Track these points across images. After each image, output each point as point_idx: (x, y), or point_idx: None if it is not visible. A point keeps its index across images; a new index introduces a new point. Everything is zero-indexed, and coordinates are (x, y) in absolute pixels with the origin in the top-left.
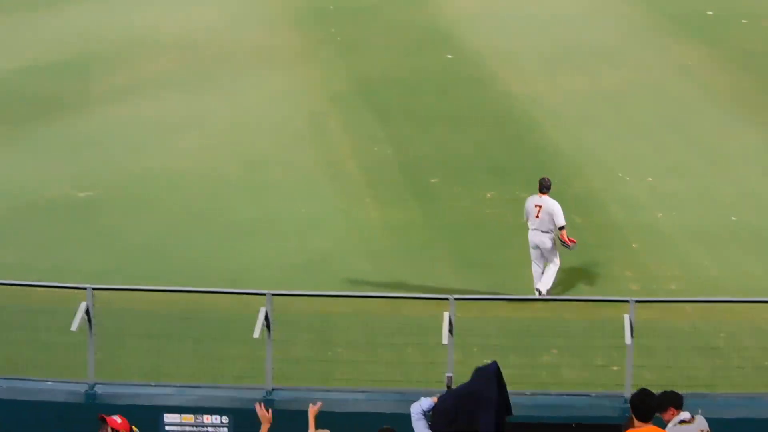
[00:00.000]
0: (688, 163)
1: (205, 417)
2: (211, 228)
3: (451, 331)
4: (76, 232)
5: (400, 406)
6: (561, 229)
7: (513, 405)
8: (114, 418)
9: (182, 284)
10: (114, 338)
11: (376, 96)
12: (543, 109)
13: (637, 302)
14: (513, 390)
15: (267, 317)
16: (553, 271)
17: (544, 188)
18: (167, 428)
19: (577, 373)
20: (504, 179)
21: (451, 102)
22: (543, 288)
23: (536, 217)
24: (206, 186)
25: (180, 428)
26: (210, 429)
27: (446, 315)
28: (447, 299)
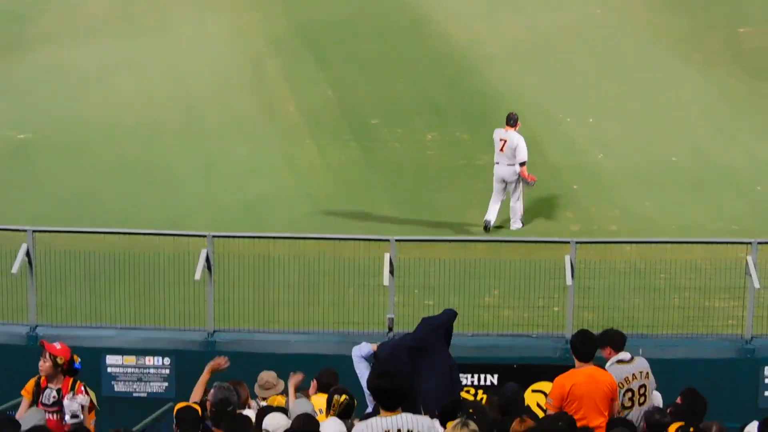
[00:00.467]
0: (629, 106)
1: (147, 358)
2: (150, 173)
3: (392, 273)
4: (12, 177)
5: (342, 348)
6: (521, 165)
7: (455, 346)
8: (54, 345)
9: (121, 227)
10: (55, 280)
11: (316, 39)
12: (483, 53)
13: (578, 243)
14: (455, 331)
15: (208, 259)
16: (520, 203)
17: (511, 122)
18: (109, 370)
19: (518, 314)
20: (444, 121)
21: (391, 45)
22: (516, 222)
23: (501, 151)
24: (144, 131)
25: (122, 369)
26: (152, 370)
27: (387, 256)
28: (388, 240)
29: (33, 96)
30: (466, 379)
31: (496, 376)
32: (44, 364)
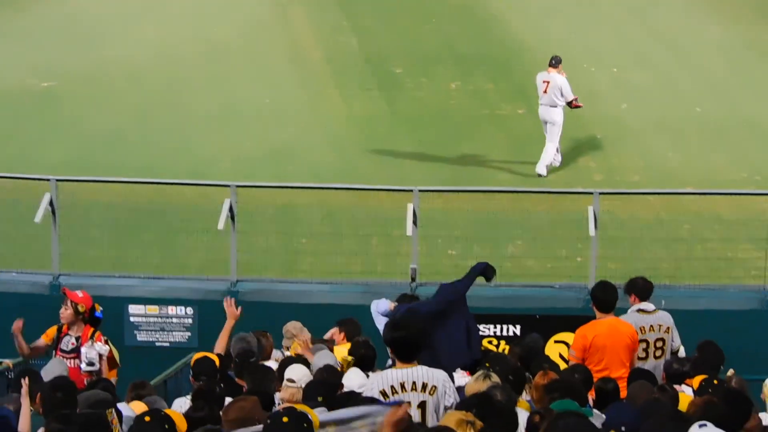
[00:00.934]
0: (653, 55)
1: (170, 308)
2: (173, 118)
3: (416, 223)
4: (38, 122)
5: (364, 298)
6: (569, 104)
7: (478, 297)
8: (76, 293)
9: (144, 175)
10: (78, 230)
11: None
12: (506, 1)
13: (601, 194)
14: (478, 282)
15: (231, 209)
16: (552, 151)
17: (553, 62)
18: (132, 319)
19: (542, 264)
20: (467, 70)
21: None
22: (542, 169)
23: (544, 92)
24: (167, 77)
25: (144, 319)
26: (175, 320)
27: (410, 206)
28: (411, 191)
29: (56, 44)
30: (489, 330)
31: (519, 327)
32: (65, 311)
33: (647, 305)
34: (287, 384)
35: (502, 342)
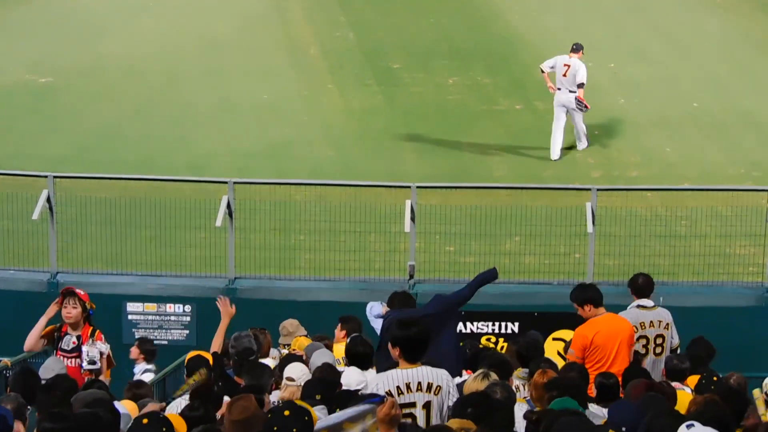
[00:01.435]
0: (650, 49)
1: (168, 306)
2: (171, 112)
3: (413, 219)
4: (36, 117)
5: (363, 295)
6: (579, 87)
7: (477, 294)
8: (80, 291)
9: (142, 169)
10: (75, 226)
11: None
12: None
13: (599, 190)
14: None
15: (229, 205)
16: (581, 124)
17: (575, 50)
18: (130, 317)
19: (540, 261)
20: (466, 65)
21: None
22: (582, 144)
23: (564, 76)
24: (165, 71)
25: (143, 317)
26: (173, 318)
27: (408, 203)
28: (409, 187)
29: (54, 38)
30: (487, 327)
31: (517, 324)
32: (74, 310)
33: (647, 301)
34: (287, 383)
35: (501, 339)
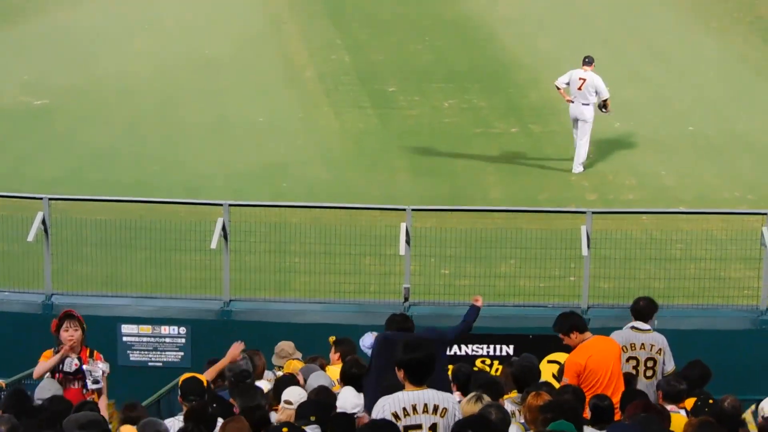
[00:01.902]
0: (646, 72)
1: (163, 328)
2: (167, 133)
3: (408, 242)
4: (31, 139)
5: (357, 317)
6: (605, 101)
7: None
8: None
9: (137, 191)
10: (70, 248)
11: (334, 3)
12: (499, 18)
13: (594, 213)
14: (471, 301)
15: (224, 228)
16: (585, 149)
17: (588, 63)
18: (124, 339)
19: (535, 284)
20: (461, 88)
21: (408, 10)
22: (577, 167)
23: (579, 89)
24: (161, 92)
25: (137, 339)
26: (168, 340)
27: (403, 225)
28: (404, 210)
29: (49, 59)
30: (482, 350)
31: (512, 347)
32: (76, 333)
33: (642, 324)
34: (284, 406)
35: (495, 362)
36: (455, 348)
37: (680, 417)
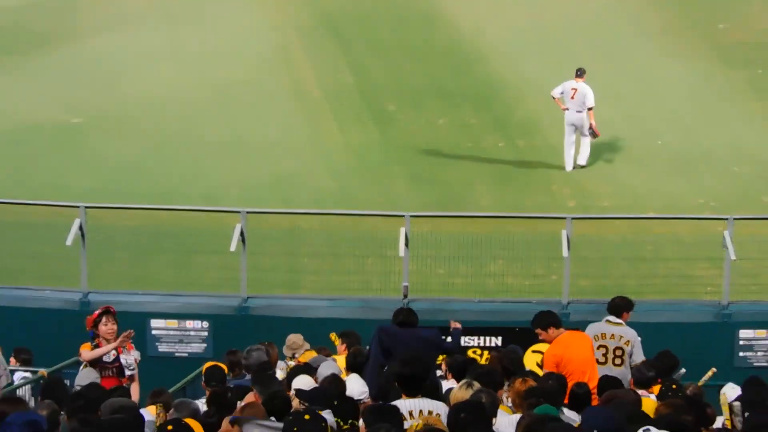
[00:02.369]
0: (620, 91)
1: (188, 322)
2: (188, 149)
3: (407, 244)
4: (67, 156)
5: (361, 312)
6: (589, 110)
7: (464, 311)
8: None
9: (162, 200)
10: (104, 251)
11: (338, 29)
12: (488, 41)
13: (574, 218)
14: (463, 297)
15: (242, 232)
16: (587, 144)
17: (579, 73)
18: (153, 332)
19: (520, 282)
20: (453, 106)
21: (406, 35)
22: (582, 160)
23: (571, 98)
24: (183, 112)
25: (165, 332)
26: (192, 333)
27: (402, 230)
28: (403, 216)
29: (84, 81)
30: (473, 341)
31: (500, 338)
32: (114, 327)
33: (614, 318)
34: (294, 395)
35: (485, 352)
36: (449, 340)
37: (650, 401)
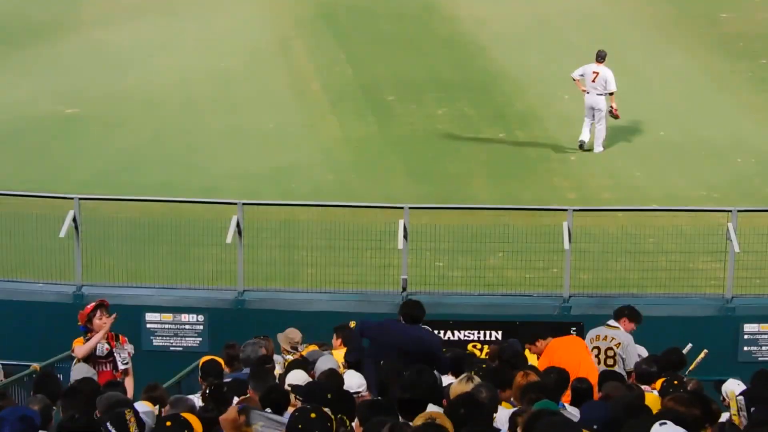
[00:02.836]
0: (620, 83)
1: (183, 315)
2: (186, 140)
3: (406, 237)
4: (62, 147)
5: (359, 306)
6: (611, 94)
7: (463, 305)
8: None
9: (161, 191)
10: (99, 243)
11: (337, 22)
12: (488, 34)
13: (575, 211)
14: (463, 291)
15: (239, 224)
16: (603, 128)
17: (601, 58)
18: (148, 326)
19: (520, 275)
20: (452, 97)
21: (405, 27)
22: (597, 147)
23: (593, 81)
24: (181, 104)
25: (160, 326)
26: (187, 326)
27: (401, 222)
28: (402, 208)
29: (81, 73)
30: (473, 335)
31: (500, 333)
32: (109, 320)
33: (613, 322)
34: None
35: (486, 347)
36: (448, 334)
37: (652, 396)
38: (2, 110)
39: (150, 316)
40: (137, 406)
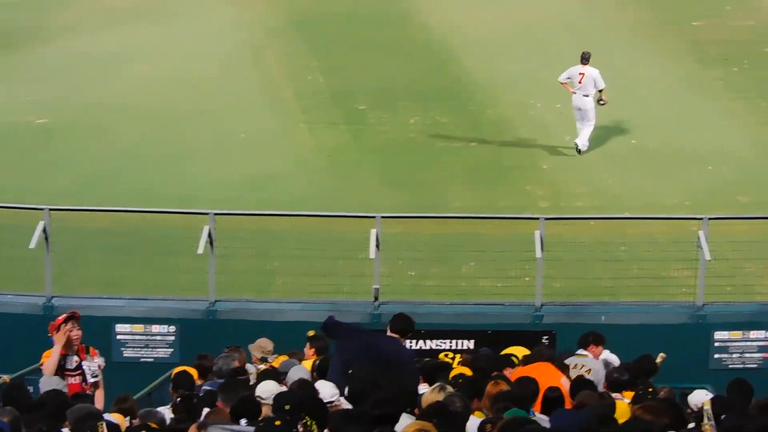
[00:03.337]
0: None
1: (154, 326)
2: (161, 152)
3: (378, 246)
4: (34, 158)
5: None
6: (600, 91)
7: (437, 314)
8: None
9: (136, 203)
10: (69, 254)
11: (310, 30)
12: (461, 41)
13: (547, 219)
14: (435, 300)
15: (210, 234)
16: (589, 130)
17: (586, 59)
18: (118, 337)
19: (493, 284)
20: (425, 106)
21: (377, 35)
22: (581, 144)
23: (579, 83)
24: (155, 113)
25: (130, 337)
26: (158, 338)
27: (373, 232)
28: (374, 217)
29: (52, 82)
30: (445, 344)
31: (473, 341)
32: (79, 332)
33: (582, 351)
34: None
35: (458, 355)
36: (420, 343)
37: (623, 404)
38: None
39: (120, 328)
40: (107, 418)
